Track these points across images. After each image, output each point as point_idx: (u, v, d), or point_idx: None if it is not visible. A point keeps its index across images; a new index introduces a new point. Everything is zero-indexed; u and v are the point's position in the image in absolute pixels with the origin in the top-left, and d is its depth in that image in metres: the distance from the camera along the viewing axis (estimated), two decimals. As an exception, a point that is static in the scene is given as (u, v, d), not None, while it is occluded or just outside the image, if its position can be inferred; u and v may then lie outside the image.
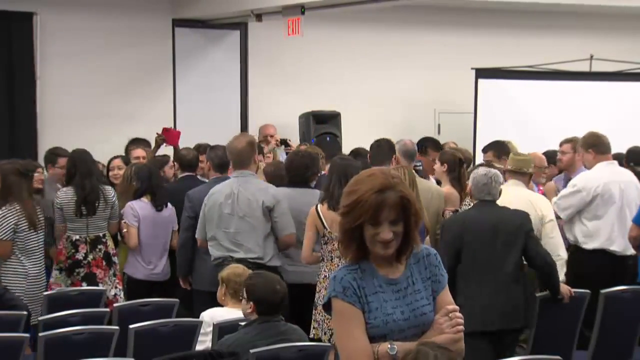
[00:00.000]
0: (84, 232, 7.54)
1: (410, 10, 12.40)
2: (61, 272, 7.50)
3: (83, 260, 7.51)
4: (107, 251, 7.61)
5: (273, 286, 4.91)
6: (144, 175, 7.71)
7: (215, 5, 11.41)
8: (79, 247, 7.52)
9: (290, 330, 4.99)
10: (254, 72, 12.23)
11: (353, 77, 12.46)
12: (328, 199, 6.45)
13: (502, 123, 11.47)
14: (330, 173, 6.70)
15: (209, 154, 7.54)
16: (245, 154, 6.88)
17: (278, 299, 4.89)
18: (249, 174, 6.87)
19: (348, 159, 7.05)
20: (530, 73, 12.37)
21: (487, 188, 6.20)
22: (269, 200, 6.70)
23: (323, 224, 6.45)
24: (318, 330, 6.42)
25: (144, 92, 11.41)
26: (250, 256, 6.61)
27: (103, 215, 7.60)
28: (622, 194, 7.40)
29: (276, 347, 4.84)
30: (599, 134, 7.65)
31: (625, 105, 12.23)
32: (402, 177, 6.40)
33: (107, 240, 7.64)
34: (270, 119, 11.48)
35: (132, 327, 5.66)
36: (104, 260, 7.57)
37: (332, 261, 6.45)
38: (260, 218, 6.70)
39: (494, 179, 6.21)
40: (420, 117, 12.71)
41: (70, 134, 10.31)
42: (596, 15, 13.40)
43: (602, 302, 6.57)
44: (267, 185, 6.95)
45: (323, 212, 6.46)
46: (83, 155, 7.67)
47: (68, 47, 10.97)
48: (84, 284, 7.43)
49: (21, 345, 5.51)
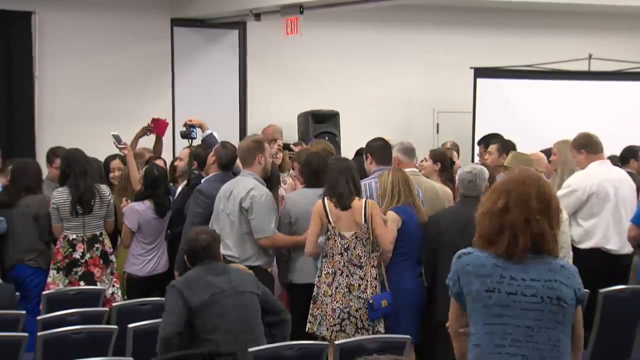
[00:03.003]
0: (81, 231, 7.54)
1: (409, 10, 12.40)
2: (59, 271, 7.49)
3: (80, 259, 7.51)
4: (104, 250, 7.61)
5: (196, 236, 5.48)
6: (150, 181, 7.65)
7: (213, 5, 11.41)
8: (76, 246, 7.53)
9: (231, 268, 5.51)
10: (252, 71, 12.23)
11: (352, 76, 12.46)
12: (337, 197, 6.44)
13: (501, 122, 11.46)
14: (334, 172, 6.64)
15: (219, 150, 7.46)
16: (247, 153, 6.91)
17: (199, 247, 5.41)
18: (247, 173, 6.89)
19: (347, 159, 7.05)
20: (529, 72, 12.37)
21: (472, 185, 6.43)
22: (245, 201, 6.72)
23: (329, 219, 6.45)
24: (314, 325, 6.41)
25: (142, 92, 11.41)
26: (227, 253, 6.64)
27: (99, 213, 7.60)
28: (616, 192, 7.41)
29: (276, 346, 4.85)
30: (590, 134, 7.64)
31: (623, 104, 12.25)
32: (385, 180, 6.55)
33: (104, 239, 7.64)
34: (269, 118, 11.47)
35: (131, 326, 5.67)
36: (101, 259, 7.56)
37: (333, 257, 6.43)
38: (239, 217, 6.74)
39: (479, 176, 6.45)
40: (419, 117, 12.72)
41: (68, 133, 10.31)
42: (595, 14, 13.41)
43: (600, 301, 6.57)
44: (253, 186, 6.81)
45: (330, 208, 6.46)
46: (77, 154, 7.65)
47: (66, 46, 10.97)
48: (82, 283, 7.43)
49: (20, 345, 5.51)
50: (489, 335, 3.44)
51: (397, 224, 6.51)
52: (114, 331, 5.71)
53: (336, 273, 6.40)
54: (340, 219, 6.42)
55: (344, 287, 6.36)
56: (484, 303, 3.44)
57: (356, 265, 6.39)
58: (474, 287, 3.46)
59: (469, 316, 3.51)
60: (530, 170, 3.71)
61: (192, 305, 5.19)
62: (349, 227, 6.42)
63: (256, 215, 6.72)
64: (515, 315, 3.43)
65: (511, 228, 3.47)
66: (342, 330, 6.32)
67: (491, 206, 3.51)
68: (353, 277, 6.37)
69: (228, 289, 5.27)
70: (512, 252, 3.46)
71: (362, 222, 6.40)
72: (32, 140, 10.74)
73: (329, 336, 6.28)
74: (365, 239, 6.41)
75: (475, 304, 3.45)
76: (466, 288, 3.48)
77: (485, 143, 9.43)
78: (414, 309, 6.53)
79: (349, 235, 6.41)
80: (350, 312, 6.33)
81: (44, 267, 7.59)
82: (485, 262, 3.46)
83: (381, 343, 5.32)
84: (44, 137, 10.59)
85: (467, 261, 3.49)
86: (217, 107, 11.73)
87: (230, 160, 7.32)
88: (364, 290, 6.34)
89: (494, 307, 3.43)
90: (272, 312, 5.48)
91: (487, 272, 3.45)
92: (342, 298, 6.35)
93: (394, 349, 5.21)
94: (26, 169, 7.85)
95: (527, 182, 3.53)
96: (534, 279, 3.46)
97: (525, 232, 3.46)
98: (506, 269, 3.45)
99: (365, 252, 6.41)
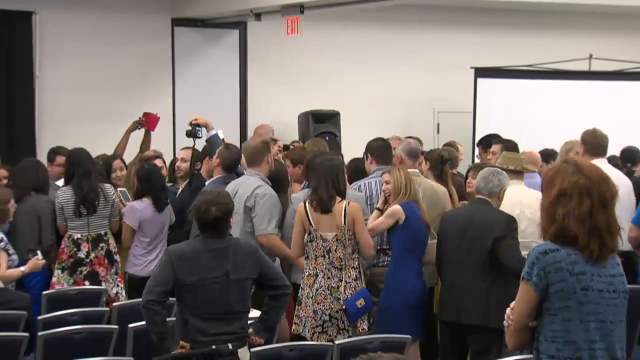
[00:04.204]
0: (85, 230, 7.55)
1: (409, 10, 12.40)
2: (63, 271, 7.50)
3: (85, 259, 7.52)
4: (109, 249, 7.62)
5: (207, 207, 5.22)
6: (143, 177, 7.71)
7: (214, 5, 11.41)
8: (81, 246, 7.53)
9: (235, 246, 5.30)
10: (253, 71, 12.23)
11: (352, 76, 12.46)
12: (317, 201, 6.43)
13: (501, 122, 11.46)
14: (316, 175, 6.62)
15: (223, 152, 7.47)
16: (256, 153, 6.96)
17: (209, 219, 5.20)
18: (254, 173, 6.94)
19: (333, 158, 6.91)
20: (529, 72, 12.37)
21: (485, 184, 6.39)
22: (250, 200, 6.76)
23: (310, 222, 6.45)
24: (299, 326, 6.41)
25: (143, 91, 11.40)
26: None
27: (104, 213, 7.61)
28: None
29: (277, 346, 4.85)
30: (596, 134, 7.62)
31: (624, 104, 12.24)
32: (398, 176, 6.55)
33: (108, 239, 7.65)
34: (269, 118, 11.48)
35: (132, 326, 5.68)
36: (105, 258, 7.57)
37: (316, 260, 6.44)
38: (244, 216, 6.77)
39: (497, 177, 6.39)
40: (420, 116, 12.71)
41: (68, 132, 10.31)
42: (595, 14, 13.41)
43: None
44: (258, 185, 6.86)
45: (310, 211, 6.46)
46: (81, 154, 7.66)
47: (67, 46, 10.97)
48: (87, 282, 7.43)
49: (21, 345, 5.52)
50: (585, 332, 3.52)
51: (399, 218, 6.49)
52: (114, 331, 5.72)
53: (318, 275, 6.40)
54: (321, 221, 6.43)
55: (325, 289, 6.37)
56: (579, 301, 3.51)
57: (337, 268, 6.39)
58: (568, 284, 3.50)
59: (550, 311, 3.53)
60: (596, 166, 3.72)
61: (179, 279, 5.16)
62: (329, 229, 6.42)
63: (257, 213, 6.76)
64: (604, 312, 3.54)
65: (600, 232, 3.56)
66: (324, 332, 6.32)
67: (576, 208, 3.55)
68: (333, 279, 6.38)
69: (220, 275, 5.19)
70: (599, 253, 3.55)
71: (341, 224, 6.40)
72: (32, 140, 10.73)
73: (310, 337, 6.28)
74: (345, 240, 6.41)
75: (570, 301, 3.51)
76: (557, 285, 3.50)
77: (484, 144, 9.42)
78: (416, 307, 6.52)
79: (330, 237, 6.41)
80: (331, 314, 6.33)
81: (45, 267, 7.58)
82: (576, 260, 3.52)
83: (381, 343, 5.33)
84: (44, 137, 10.58)
85: (558, 257, 3.51)
86: (218, 107, 11.72)
87: (234, 162, 7.33)
88: (342, 292, 6.35)
89: (589, 304, 3.51)
90: (272, 287, 5.40)
91: (581, 270, 3.51)
92: (323, 300, 6.35)
93: (394, 349, 5.21)
94: (36, 168, 7.87)
95: (604, 178, 3.65)
96: (612, 275, 3.58)
97: (611, 234, 3.58)
98: (593, 266, 3.54)
99: (346, 254, 6.41)
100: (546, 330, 3.54)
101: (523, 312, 3.57)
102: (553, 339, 3.52)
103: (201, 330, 5.14)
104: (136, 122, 9.26)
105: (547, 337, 3.54)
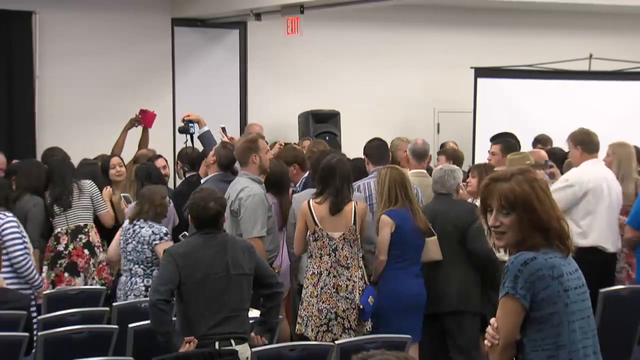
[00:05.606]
0: (64, 224, 7.64)
1: (409, 10, 12.40)
2: (47, 266, 7.56)
3: (64, 251, 7.59)
4: (89, 241, 7.64)
5: (206, 203, 5.29)
6: (142, 176, 7.71)
7: (214, 5, 11.40)
8: (60, 239, 7.61)
9: (232, 242, 5.38)
10: (253, 71, 12.22)
11: (352, 76, 12.45)
12: (331, 201, 6.40)
13: (501, 122, 11.43)
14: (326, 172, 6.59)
15: (220, 151, 7.46)
16: (241, 154, 6.91)
17: (210, 214, 5.28)
18: (242, 174, 6.89)
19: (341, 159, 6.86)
20: (529, 72, 12.38)
21: (441, 181, 6.82)
22: (234, 204, 6.69)
23: (314, 220, 6.44)
24: (302, 326, 6.40)
25: (143, 91, 11.40)
26: None
27: (81, 205, 7.69)
28: (609, 192, 7.41)
29: (277, 346, 4.85)
30: (589, 132, 7.61)
31: (624, 104, 12.24)
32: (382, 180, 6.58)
33: (89, 230, 7.68)
34: (269, 118, 11.48)
35: (132, 326, 5.67)
36: (85, 249, 7.59)
37: (321, 258, 6.42)
38: (231, 220, 6.72)
39: (448, 174, 6.84)
40: (420, 117, 12.71)
41: (68, 133, 10.32)
42: (595, 14, 13.41)
43: (601, 301, 6.55)
44: (243, 187, 6.77)
45: (315, 209, 6.44)
46: (53, 162, 7.80)
47: (67, 46, 10.97)
48: (66, 274, 7.48)
49: (21, 345, 5.51)
50: (573, 333, 3.48)
51: (391, 227, 6.50)
52: (114, 331, 5.71)
53: (322, 273, 6.38)
54: (326, 220, 6.40)
55: (330, 287, 6.35)
56: (565, 303, 3.48)
57: (343, 266, 6.38)
58: (552, 289, 3.45)
59: (538, 320, 3.47)
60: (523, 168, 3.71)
61: (183, 278, 5.19)
62: (335, 229, 6.40)
63: (242, 216, 6.69)
64: (583, 309, 3.52)
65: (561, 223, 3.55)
66: (329, 331, 6.31)
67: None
68: (340, 277, 6.37)
69: (220, 270, 5.23)
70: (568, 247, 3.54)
71: (351, 224, 6.39)
72: (32, 140, 10.73)
73: (313, 337, 6.27)
74: (352, 240, 6.41)
75: (556, 306, 3.46)
76: (543, 292, 3.45)
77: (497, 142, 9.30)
78: (413, 310, 6.53)
79: (337, 236, 6.40)
80: (337, 313, 6.32)
81: None
82: (554, 263, 3.48)
83: (381, 343, 5.32)
84: (44, 137, 10.58)
85: (538, 265, 3.45)
86: (218, 107, 11.71)
87: (231, 160, 7.32)
88: (351, 291, 6.34)
89: (572, 304, 3.48)
90: (266, 285, 5.44)
91: (559, 273, 3.47)
92: (328, 299, 6.34)
93: (394, 349, 5.20)
94: (38, 170, 7.89)
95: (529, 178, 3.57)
96: (576, 270, 3.56)
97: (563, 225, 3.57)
98: (565, 265, 3.51)
99: (352, 253, 6.41)
100: (533, 340, 3.46)
101: (511, 328, 3.48)
102: (543, 347, 3.45)
103: (203, 328, 5.15)
104: (133, 120, 9.31)
105: (535, 347, 3.46)
